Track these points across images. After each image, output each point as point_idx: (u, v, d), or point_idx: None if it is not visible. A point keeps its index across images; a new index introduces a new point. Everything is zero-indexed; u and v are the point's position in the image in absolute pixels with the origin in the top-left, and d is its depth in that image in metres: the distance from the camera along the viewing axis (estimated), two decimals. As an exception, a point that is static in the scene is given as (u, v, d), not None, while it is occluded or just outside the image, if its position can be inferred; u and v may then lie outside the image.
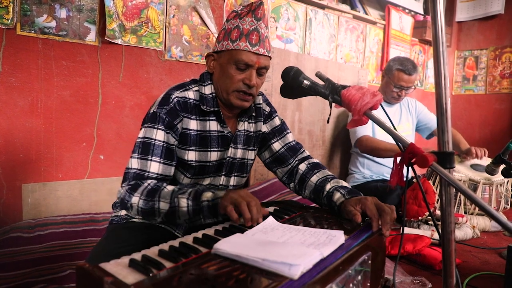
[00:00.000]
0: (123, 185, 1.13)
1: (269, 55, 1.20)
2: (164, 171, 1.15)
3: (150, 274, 0.66)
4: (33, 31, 1.76)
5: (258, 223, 0.93)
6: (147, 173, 1.12)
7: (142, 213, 1.09)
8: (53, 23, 1.82)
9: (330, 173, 1.29)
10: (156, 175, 1.13)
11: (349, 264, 0.79)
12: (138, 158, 1.13)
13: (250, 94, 1.20)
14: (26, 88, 1.78)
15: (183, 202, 1.03)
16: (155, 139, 1.14)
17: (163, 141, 1.15)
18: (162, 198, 1.05)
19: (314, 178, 1.27)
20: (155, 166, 1.13)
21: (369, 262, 0.89)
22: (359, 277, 0.84)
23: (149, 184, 1.09)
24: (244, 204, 0.93)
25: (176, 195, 1.04)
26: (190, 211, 1.02)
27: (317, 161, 1.37)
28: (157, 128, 1.15)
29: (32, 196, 1.81)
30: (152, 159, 1.13)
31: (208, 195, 1.02)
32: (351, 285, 0.80)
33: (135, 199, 1.07)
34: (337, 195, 1.14)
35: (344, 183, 1.21)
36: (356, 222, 0.99)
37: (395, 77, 2.49)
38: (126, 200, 1.09)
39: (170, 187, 1.08)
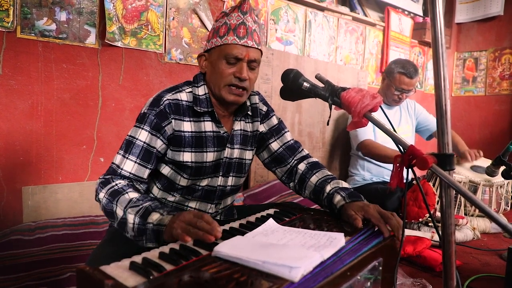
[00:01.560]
0: (101, 176, 1.14)
1: (259, 48, 1.21)
2: (137, 172, 1.14)
3: (151, 277, 0.66)
4: (33, 34, 1.77)
5: (217, 234, 0.84)
6: (120, 170, 1.13)
7: (104, 212, 1.08)
8: (53, 26, 1.82)
9: (329, 173, 1.28)
10: (128, 173, 1.13)
11: (358, 270, 0.78)
12: (120, 154, 1.15)
13: (243, 88, 1.19)
14: (26, 91, 1.78)
15: (131, 218, 0.99)
16: (137, 139, 1.15)
17: (144, 142, 1.15)
18: (119, 203, 1.03)
19: (314, 179, 1.26)
20: (129, 165, 1.13)
21: (380, 268, 0.88)
22: (369, 284, 0.83)
23: (117, 184, 1.08)
24: (193, 229, 0.85)
25: (129, 207, 1.01)
26: (135, 229, 0.99)
27: (316, 160, 1.36)
28: (142, 128, 1.15)
29: (32, 198, 1.81)
30: (129, 157, 1.13)
31: (154, 217, 0.97)
32: (360, 291, 0.79)
33: (102, 195, 1.08)
34: (338, 198, 1.14)
35: (345, 184, 1.21)
36: (356, 227, 0.98)
37: (397, 80, 2.49)
38: (97, 192, 1.11)
39: (131, 195, 1.05)
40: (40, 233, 1.65)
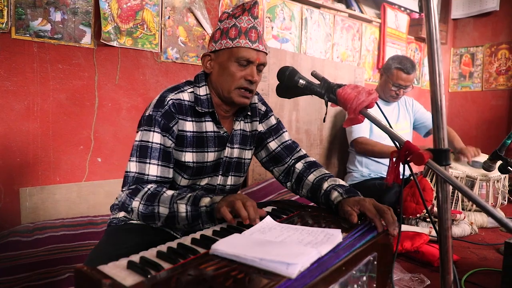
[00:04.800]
0: (123, 189, 1.14)
1: (266, 52, 1.24)
2: (163, 173, 1.16)
3: (149, 276, 0.66)
4: (28, 35, 1.76)
5: (255, 223, 0.93)
6: (146, 176, 1.13)
7: (142, 217, 1.10)
8: (48, 26, 1.81)
9: (327, 172, 1.29)
10: (155, 177, 1.14)
11: (353, 264, 0.78)
12: (136, 161, 1.14)
13: (251, 91, 1.21)
14: (22, 92, 1.77)
15: (182, 208, 1.04)
16: (152, 142, 1.15)
17: (160, 144, 1.15)
18: (161, 203, 1.06)
19: (311, 177, 1.27)
20: (153, 169, 1.14)
21: (375, 263, 0.88)
22: (364, 278, 0.83)
23: (149, 188, 1.10)
24: (240, 203, 0.94)
25: (175, 200, 1.05)
26: (189, 217, 1.04)
27: (314, 159, 1.37)
28: (154, 131, 1.15)
29: (30, 200, 1.81)
30: (151, 162, 1.14)
31: (206, 200, 1.03)
32: (355, 286, 0.79)
33: (136, 204, 1.09)
34: (335, 194, 1.14)
35: (341, 182, 1.22)
36: (352, 222, 0.98)
37: (394, 76, 2.51)
38: (127, 204, 1.10)
39: (169, 192, 1.09)
40: (39, 234, 1.65)
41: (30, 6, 1.75)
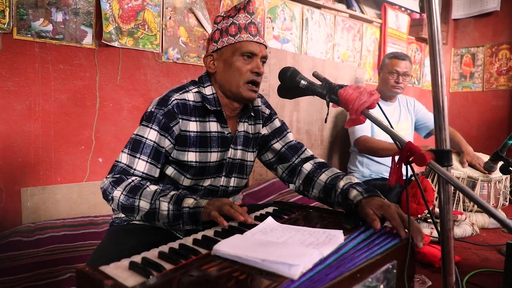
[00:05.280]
0: (108, 176, 1.14)
1: (266, 45, 1.27)
2: (149, 171, 1.16)
3: (150, 276, 0.66)
4: (29, 35, 1.76)
5: (249, 220, 0.95)
6: (132, 170, 1.14)
7: (122, 208, 1.10)
8: (50, 27, 1.82)
9: (339, 171, 1.26)
10: (141, 173, 1.14)
11: (369, 272, 0.75)
12: (127, 153, 1.16)
13: (257, 84, 1.23)
14: (24, 92, 1.78)
15: (164, 206, 1.04)
16: (146, 138, 1.15)
17: (154, 141, 1.16)
18: (143, 197, 1.07)
19: (323, 177, 1.24)
20: (141, 165, 1.14)
21: (394, 271, 0.85)
22: (382, 287, 0.81)
23: (133, 180, 1.11)
24: (227, 206, 0.96)
25: (158, 197, 1.06)
26: (170, 216, 1.04)
27: (323, 160, 1.35)
28: (151, 128, 1.16)
29: (31, 200, 1.81)
30: (140, 157, 1.14)
31: (189, 201, 1.03)
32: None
33: (117, 193, 1.09)
34: (354, 192, 1.09)
35: (357, 180, 1.18)
36: (375, 229, 0.93)
37: (389, 65, 2.60)
38: (108, 192, 1.11)
39: (153, 187, 1.09)
40: (40, 234, 1.65)
41: (31, 7, 1.75)
